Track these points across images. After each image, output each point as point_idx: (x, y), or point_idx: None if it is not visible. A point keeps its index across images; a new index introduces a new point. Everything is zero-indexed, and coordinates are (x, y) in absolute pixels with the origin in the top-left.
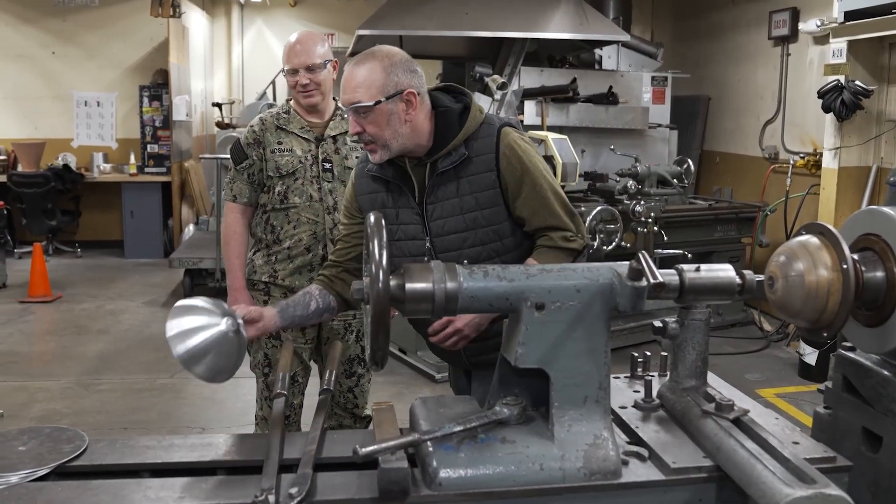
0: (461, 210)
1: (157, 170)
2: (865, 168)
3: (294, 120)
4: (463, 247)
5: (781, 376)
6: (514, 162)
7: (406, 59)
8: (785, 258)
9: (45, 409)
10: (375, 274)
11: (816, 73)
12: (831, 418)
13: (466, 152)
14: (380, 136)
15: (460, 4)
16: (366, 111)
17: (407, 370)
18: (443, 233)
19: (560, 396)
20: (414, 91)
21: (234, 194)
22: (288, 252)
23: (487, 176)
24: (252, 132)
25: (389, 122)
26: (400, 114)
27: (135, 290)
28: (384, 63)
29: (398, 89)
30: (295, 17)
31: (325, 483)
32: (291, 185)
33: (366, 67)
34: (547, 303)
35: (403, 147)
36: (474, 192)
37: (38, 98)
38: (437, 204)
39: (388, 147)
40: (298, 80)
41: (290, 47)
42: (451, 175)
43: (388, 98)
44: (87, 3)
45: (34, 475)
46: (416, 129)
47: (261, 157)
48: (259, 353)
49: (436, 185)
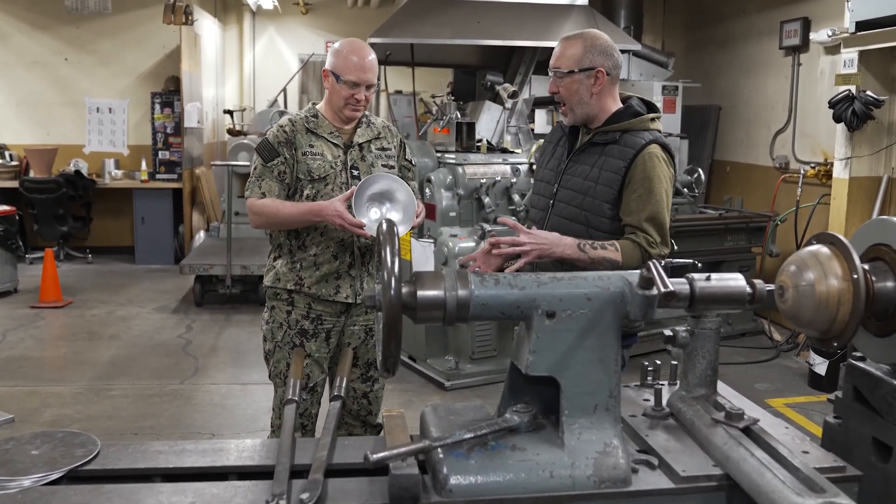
0: (586, 176)
1: (168, 176)
2: (876, 178)
3: (323, 124)
4: (571, 203)
5: (791, 386)
6: (646, 169)
7: (606, 45)
8: (795, 268)
9: (56, 415)
10: (388, 281)
11: (827, 83)
12: (841, 428)
13: (617, 137)
14: (568, 98)
15: (472, 13)
16: (562, 76)
17: (417, 378)
18: (566, 186)
19: (570, 404)
20: (603, 70)
21: (262, 192)
22: (314, 259)
23: (619, 164)
24: (283, 131)
25: (578, 91)
26: (588, 86)
27: (145, 296)
28: (586, 42)
29: (591, 65)
30: (307, 24)
31: (336, 489)
32: (321, 189)
33: (570, 43)
34: (558, 311)
35: (585, 114)
36: (603, 169)
37: (50, 104)
38: (577, 165)
39: (573, 111)
40: (356, 93)
41: (355, 59)
42: (598, 149)
43: (581, 70)
44: (101, 10)
45: (47, 479)
46: (600, 103)
47: (293, 158)
48: (281, 363)
49: (585, 149)
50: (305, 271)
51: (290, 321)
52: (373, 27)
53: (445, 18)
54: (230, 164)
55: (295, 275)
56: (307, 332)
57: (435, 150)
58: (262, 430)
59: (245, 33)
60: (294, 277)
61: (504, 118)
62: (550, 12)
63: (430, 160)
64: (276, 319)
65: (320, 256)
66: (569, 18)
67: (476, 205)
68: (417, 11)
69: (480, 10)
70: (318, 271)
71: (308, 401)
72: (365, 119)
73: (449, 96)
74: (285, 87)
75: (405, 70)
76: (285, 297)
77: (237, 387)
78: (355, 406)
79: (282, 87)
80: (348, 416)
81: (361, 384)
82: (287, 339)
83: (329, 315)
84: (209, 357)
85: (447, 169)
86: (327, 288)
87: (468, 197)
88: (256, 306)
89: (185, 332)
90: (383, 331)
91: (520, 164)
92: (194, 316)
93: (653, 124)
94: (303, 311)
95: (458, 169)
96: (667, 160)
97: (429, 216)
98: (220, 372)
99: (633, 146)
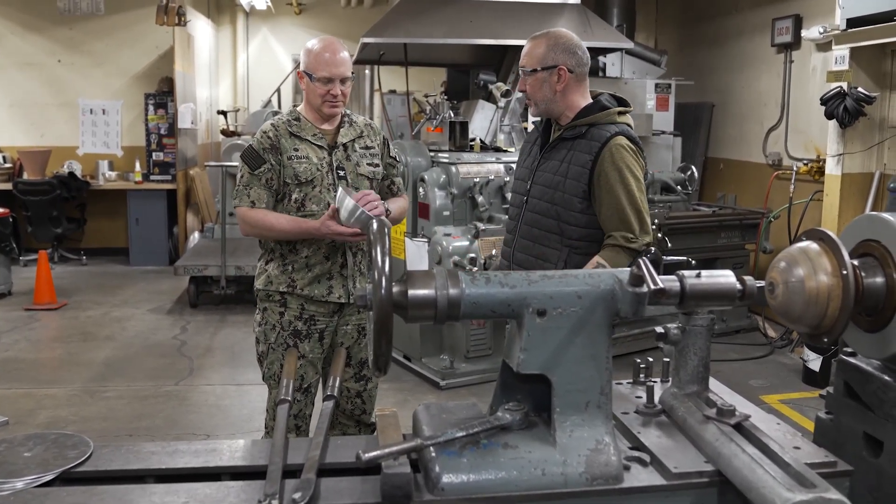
0: (556, 171)
1: (162, 177)
2: (868, 174)
3: (306, 127)
4: (542, 199)
5: (786, 382)
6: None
7: (570, 43)
8: (785, 264)
9: (51, 416)
10: (378, 280)
11: (819, 79)
12: (833, 424)
13: (584, 132)
14: (533, 95)
15: (465, 12)
16: (527, 74)
17: (412, 377)
18: (539, 182)
19: (562, 402)
20: (565, 68)
21: (251, 200)
22: (306, 261)
23: (586, 157)
24: (267, 137)
25: (542, 88)
26: (552, 83)
27: (140, 297)
28: (549, 41)
29: (554, 63)
30: (300, 24)
31: (328, 488)
32: (309, 192)
33: (536, 42)
34: (548, 309)
35: (549, 110)
36: (571, 164)
37: (44, 106)
38: (548, 161)
39: (536, 105)
40: (331, 89)
41: (326, 55)
42: (567, 144)
43: (544, 69)
44: (94, 11)
45: (39, 481)
46: (566, 100)
47: (278, 163)
48: (275, 365)
49: (555, 145)
50: (297, 273)
51: (283, 322)
52: (366, 27)
53: (438, 18)
54: (224, 164)
55: (287, 277)
56: (301, 333)
57: (428, 149)
58: (258, 430)
59: (238, 34)
60: (286, 280)
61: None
62: (543, 11)
63: (424, 159)
64: (268, 321)
65: (312, 258)
66: (562, 17)
67: (470, 204)
68: (411, 11)
69: (473, 9)
70: (311, 273)
71: (302, 402)
72: (347, 118)
73: (442, 95)
74: (279, 87)
75: (399, 70)
76: (278, 299)
77: (232, 387)
78: (349, 405)
79: (276, 87)
80: (342, 415)
81: (355, 383)
82: (280, 340)
83: (322, 315)
84: (204, 358)
85: (441, 168)
86: (320, 289)
87: (462, 196)
88: (251, 307)
89: (179, 333)
90: (374, 330)
91: (513, 163)
92: (189, 317)
93: (620, 118)
94: (296, 311)
95: (452, 168)
96: (634, 150)
97: (422, 215)
98: (215, 373)
99: (598, 139)
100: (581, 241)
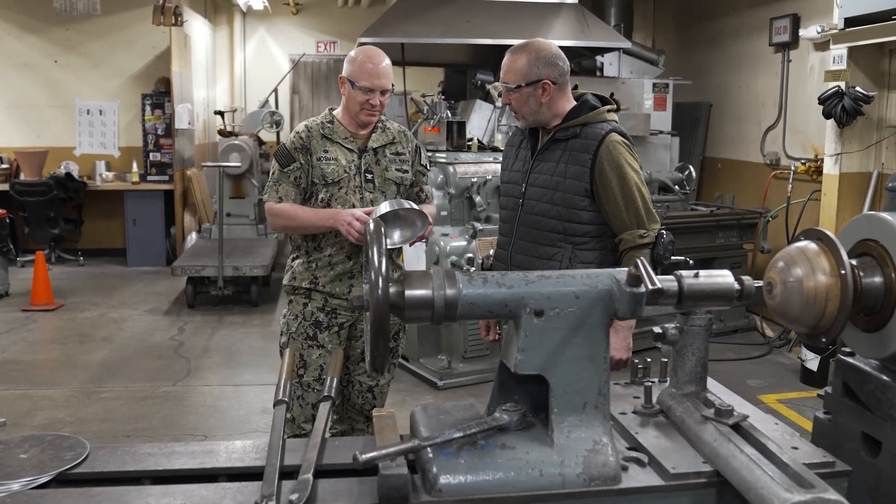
0: (553, 172)
1: (159, 178)
2: (867, 174)
3: (338, 130)
4: (541, 200)
5: (784, 382)
6: (612, 157)
7: (551, 55)
8: (783, 264)
9: (48, 418)
10: (375, 281)
11: (817, 79)
12: (831, 423)
13: (578, 132)
14: (519, 109)
15: (462, 12)
16: (511, 91)
17: (409, 378)
18: (534, 184)
19: (559, 402)
20: (549, 81)
21: (279, 196)
22: (329, 259)
23: (584, 156)
24: (299, 138)
25: (528, 102)
26: (538, 97)
27: (137, 298)
28: (530, 56)
29: (538, 78)
30: (297, 24)
31: (325, 489)
32: (335, 193)
33: (516, 57)
34: (546, 309)
35: (538, 120)
36: (569, 164)
37: (40, 107)
38: (543, 163)
39: (525, 118)
40: (370, 98)
41: (369, 66)
42: (561, 145)
43: (528, 84)
44: (90, 12)
45: (36, 482)
46: (552, 109)
47: (308, 163)
48: (293, 356)
49: (548, 147)
50: (320, 271)
51: (305, 313)
52: (363, 27)
53: (436, 18)
54: (221, 164)
55: (310, 274)
56: (321, 324)
57: (426, 149)
58: (255, 431)
59: (235, 34)
60: (309, 276)
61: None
62: (540, 10)
63: None
64: (293, 311)
65: (335, 257)
66: (559, 16)
67: (467, 204)
68: (408, 11)
69: (470, 9)
70: (333, 271)
71: (319, 392)
72: (380, 124)
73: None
74: (276, 87)
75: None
76: (302, 292)
77: (230, 388)
78: (360, 400)
79: (273, 87)
80: (352, 410)
81: (367, 379)
82: (301, 329)
83: (345, 310)
84: (201, 358)
85: (438, 168)
86: (341, 286)
87: (459, 196)
88: (249, 307)
89: (177, 334)
90: (371, 330)
91: None
92: (186, 317)
93: (609, 115)
94: (319, 304)
95: (449, 168)
96: (629, 146)
97: None
98: (212, 373)
99: (594, 137)
100: (585, 237)
